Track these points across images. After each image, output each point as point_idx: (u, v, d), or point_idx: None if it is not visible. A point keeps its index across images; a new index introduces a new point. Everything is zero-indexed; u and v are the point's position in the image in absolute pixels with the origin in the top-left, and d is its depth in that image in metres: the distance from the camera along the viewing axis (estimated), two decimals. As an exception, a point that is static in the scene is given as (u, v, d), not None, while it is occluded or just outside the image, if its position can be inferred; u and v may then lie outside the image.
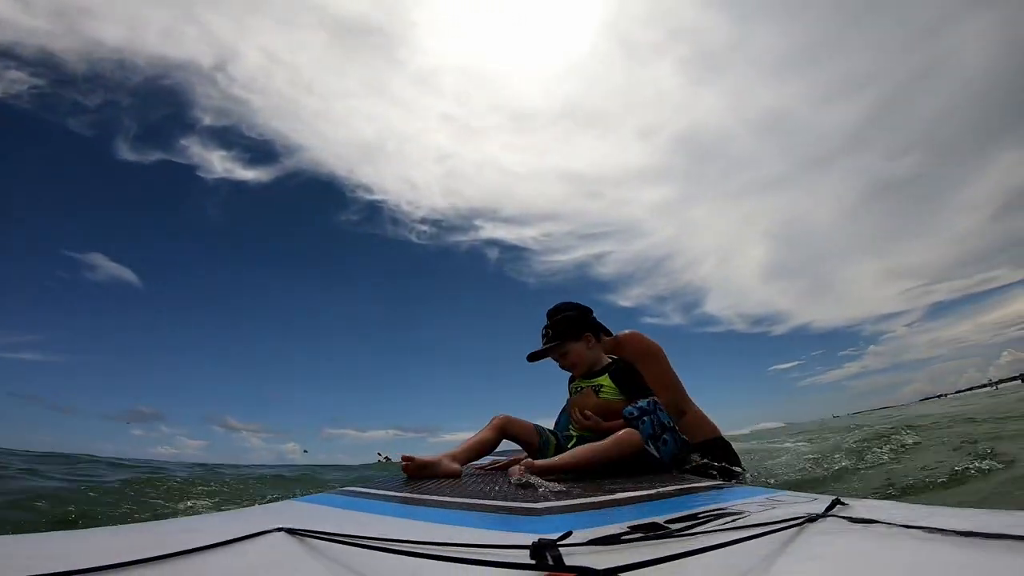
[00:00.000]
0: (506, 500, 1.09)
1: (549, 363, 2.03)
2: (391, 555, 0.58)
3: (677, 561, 0.48)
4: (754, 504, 0.86)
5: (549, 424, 2.02)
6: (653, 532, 0.64)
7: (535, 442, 1.84)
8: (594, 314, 2.24)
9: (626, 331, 2.30)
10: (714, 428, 2.20)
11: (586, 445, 1.57)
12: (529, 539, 0.52)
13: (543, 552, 0.49)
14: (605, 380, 1.91)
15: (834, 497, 0.73)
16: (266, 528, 0.70)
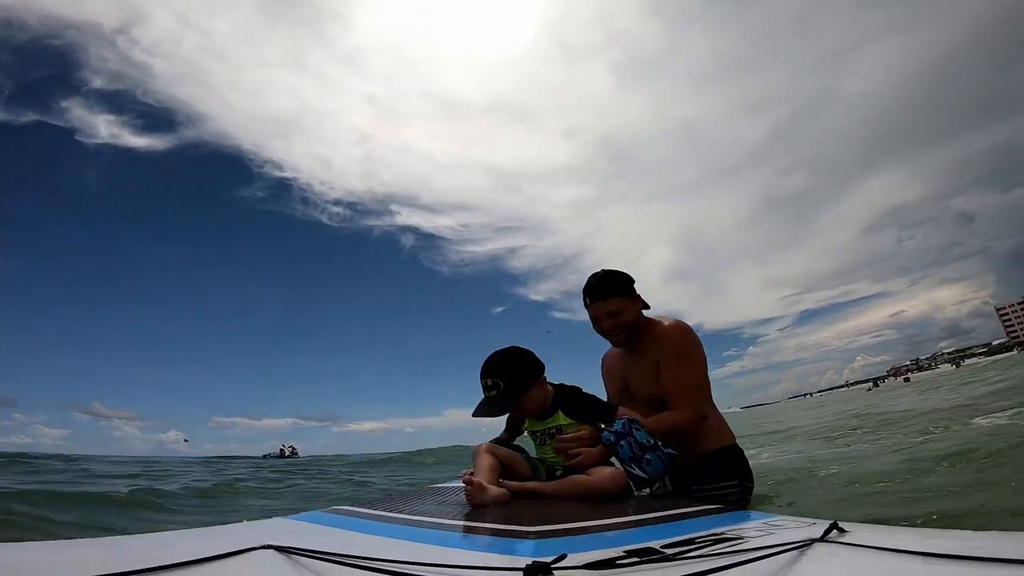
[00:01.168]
0: (499, 522, 1.07)
1: (454, 358, 1.86)
2: (382, 575, 0.56)
3: None
4: (751, 529, 0.85)
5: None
6: (649, 557, 0.63)
7: (525, 472, 1.73)
8: (635, 284, 2.00)
9: (670, 320, 1.94)
10: (731, 434, 1.97)
11: (574, 478, 1.52)
12: (523, 562, 0.51)
13: (536, 575, 0.48)
14: (563, 418, 1.77)
15: (832, 521, 0.72)
16: (253, 545, 0.69)
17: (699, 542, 0.73)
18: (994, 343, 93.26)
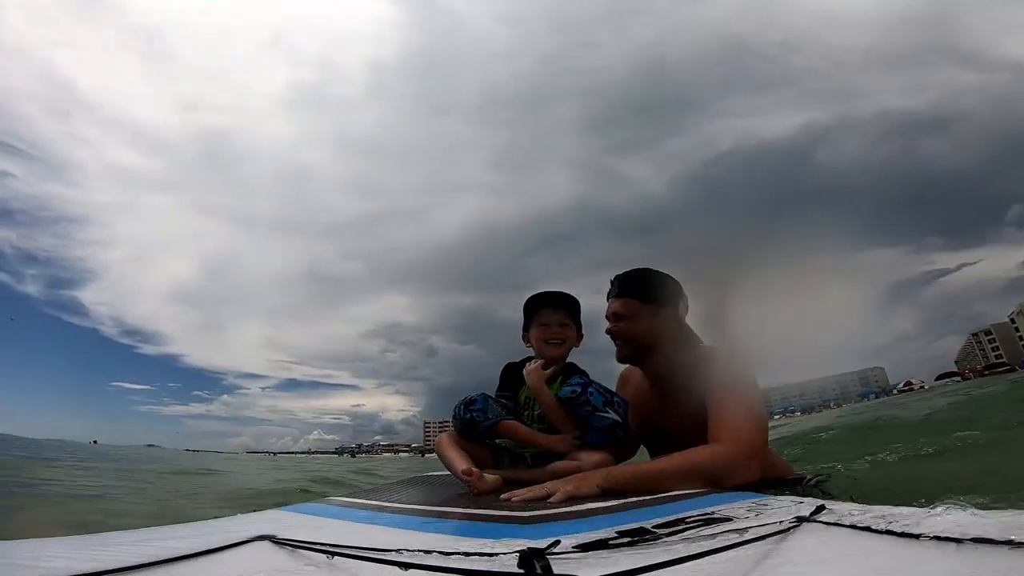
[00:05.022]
0: (494, 509, 1.09)
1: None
2: (378, 564, 0.57)
3: (665, 568, 0.48)
4: (741, 509, 0.86)
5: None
6: (641, 538, 0.64)
7: (487, 460, 1.65)
8: (678, 300, 1.58)
9: (724, 350, 1.53)
10: (789, 468, 1.59)
11: (562, 464, 1.46)
12: (517, 547, 0.52)
13: (531, 560, 0.49)
14: (558, 388, 1.69)
15: (820, 502, 0.74)
16: (249, 537, 0.69)
17: (689, 522, 0.74)
18: (412, 445, 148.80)
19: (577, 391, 1.55)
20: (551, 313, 1.74)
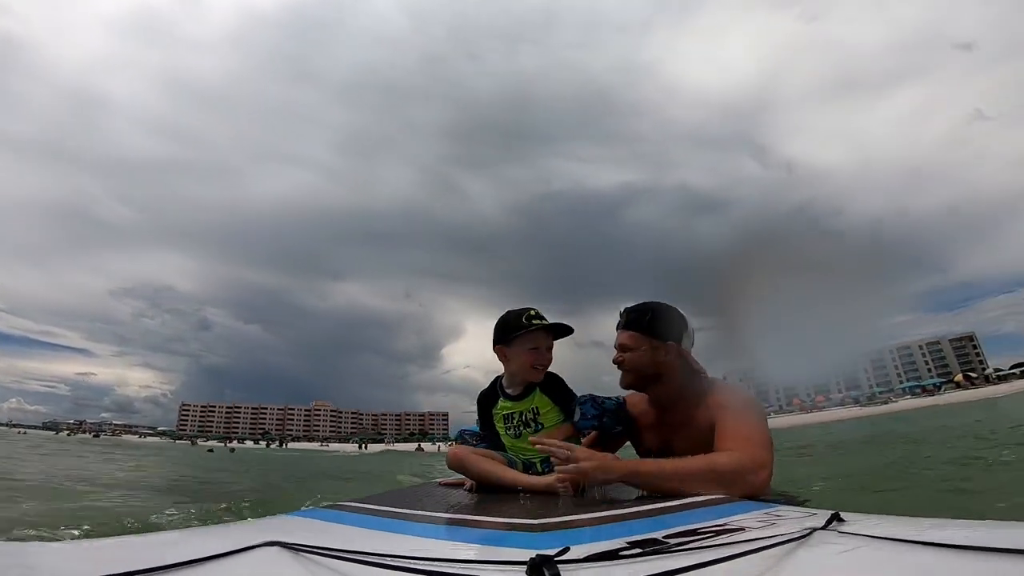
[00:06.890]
0: (503, 516, 1.08)
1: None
2: (387, 571, 0.57)
3: (681, 575, 0.47)
4: (754, 519, 0.85)
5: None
6: (651, 548, 0.63)
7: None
8: (683, 332, 1.66)
9: (718, 377, 1.68)
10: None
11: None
12: (526, 555, 0.52)
13: (540, 568, 0.48)
14: (541, 400, 1.72)
15: (833, 512, 0.73)
16: (258, 542, 0.69)
17: (702, 532, 0.73)
18: (160, 428, 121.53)
19: (596, 424, 1.67)
20: (545, 339, 1.73)
